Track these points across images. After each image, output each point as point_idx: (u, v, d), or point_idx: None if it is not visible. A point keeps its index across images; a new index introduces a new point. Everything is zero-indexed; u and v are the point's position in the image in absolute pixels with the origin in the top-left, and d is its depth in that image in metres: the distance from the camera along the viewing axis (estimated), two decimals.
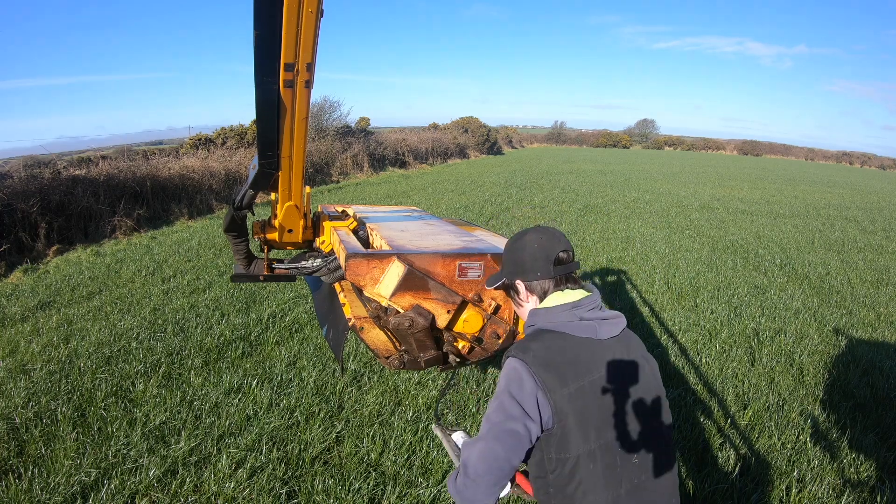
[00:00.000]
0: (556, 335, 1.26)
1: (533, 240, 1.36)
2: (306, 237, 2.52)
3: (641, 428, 1.26)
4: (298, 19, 1.73)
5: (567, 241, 1.37)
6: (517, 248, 1.39)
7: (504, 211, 10.95)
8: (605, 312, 1.31)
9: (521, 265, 1.36)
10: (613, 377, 1.25)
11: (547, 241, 1.35)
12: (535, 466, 1.27)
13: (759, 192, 18.08)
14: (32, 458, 2.70)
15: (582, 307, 1.28)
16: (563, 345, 1.25)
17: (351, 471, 2.70)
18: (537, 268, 1.33)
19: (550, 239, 1.35)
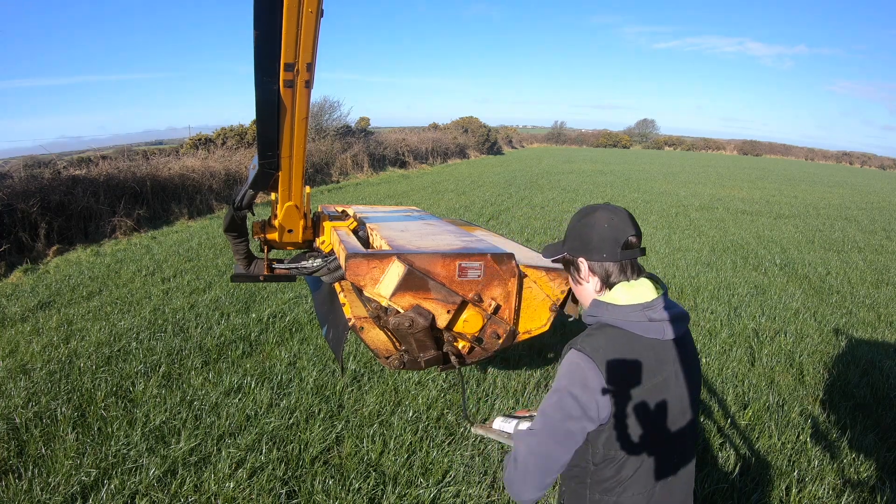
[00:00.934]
0: (623, 333, 1.22)
1: (603, 218, 1.27)
2: (306, 237, 2.52)
3: (684, 427, 1.27)
4: (298, 19, 1.74)
5: (637, 226, 1.29)
6: (586, 225, 1.30)
7: (504, 211, 10.95)
8: (673, 311, 1.26)
9: (588, 243, 1.28)
10: (674, 381, 1.24)
11: (619, 222, 1.26)
12: (576, 455, 1.24)
13: (759, 192, 18.08)
14: (32, 458, 2.70)
15: (653, 308, 1.23)
16: (631, 345, 1.20)
17: (351, 471, 2.70)
18: (604, 249, 1.26)
19: (622, 221, 1.27)
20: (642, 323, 1.22)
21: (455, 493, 2.61)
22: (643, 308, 1.23)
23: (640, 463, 1.22)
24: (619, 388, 1.17)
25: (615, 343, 1.21)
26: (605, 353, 1.18)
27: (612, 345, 1.20)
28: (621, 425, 1.19)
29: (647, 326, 1.22)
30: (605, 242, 1.26)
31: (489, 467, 2.81)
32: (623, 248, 1.26)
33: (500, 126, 50.19)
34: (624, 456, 1.21)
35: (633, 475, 1.22)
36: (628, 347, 1.21)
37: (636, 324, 1.22)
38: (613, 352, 1.19)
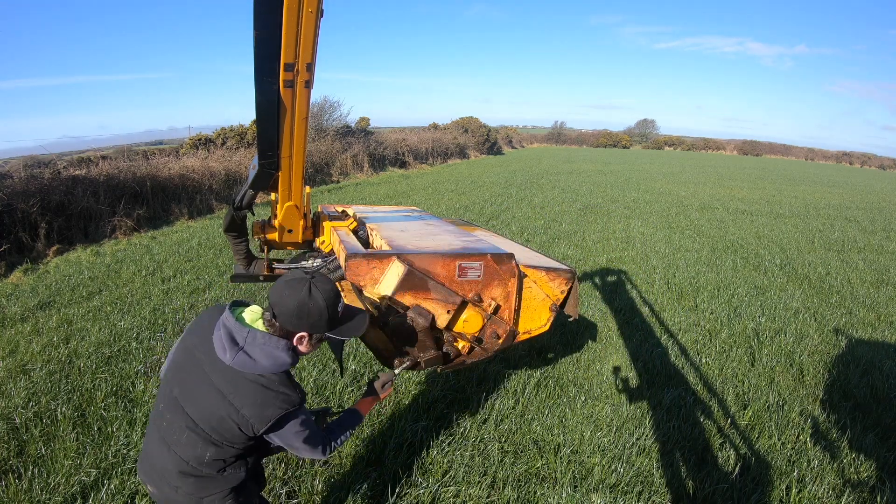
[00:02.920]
0: None
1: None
2: (306, 237, 2.52)
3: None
4: (298, 19, 1.74)
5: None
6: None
7: (504, 211, 10.95)
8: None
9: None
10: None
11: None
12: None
13: (759, 192, 18.08)
14: (32, 458, 2.70)
15: None
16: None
17: (351, 471, 2.70)
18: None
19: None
20: None
21: (455, 493, 2.61)
22: None
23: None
24: None
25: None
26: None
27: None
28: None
29: None
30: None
31: (489, 467, 2.81)
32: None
33: (500, 126, 50.18)
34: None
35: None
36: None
37: None
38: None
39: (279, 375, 1.42)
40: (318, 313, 1.41)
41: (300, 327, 1.42)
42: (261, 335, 1.41)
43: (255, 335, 1.41)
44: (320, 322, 1.43)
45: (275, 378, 1.41)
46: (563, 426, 3.21)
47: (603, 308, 5.39)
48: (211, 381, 1.41)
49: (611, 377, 3.91)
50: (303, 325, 1.42)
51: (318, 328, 1.44)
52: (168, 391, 1.50)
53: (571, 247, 8.03)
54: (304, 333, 1.44)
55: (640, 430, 3.21)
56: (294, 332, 1.43)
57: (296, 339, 1.45)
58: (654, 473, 2.83)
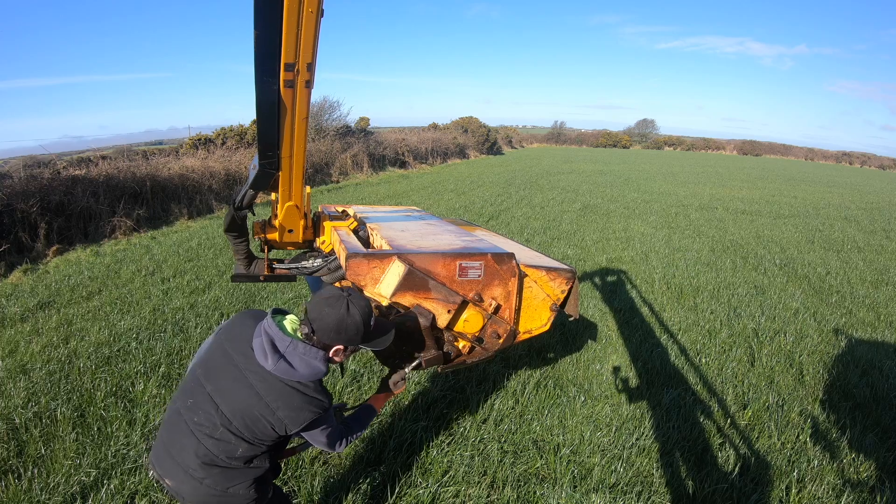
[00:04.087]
0: None
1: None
2: (306, 237, 2.52)
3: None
4: (298, 19, 1.73)
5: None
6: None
7: (504, 211, 10.95)
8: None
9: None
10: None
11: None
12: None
13: (759, 192, 18.09)
14: (32, 458, 2.70)
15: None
16: None
17: (351, 471, 2.70)
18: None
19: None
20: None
21: (455, 493, 2.61)
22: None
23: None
24: None
25: None
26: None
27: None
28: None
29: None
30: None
31: (489, 467, 2.81)
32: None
33: (500, 126, 50.17)
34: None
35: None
36: None
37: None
38: None
39: (314, 383, 1.53)
40: (355, 329, 1.51)
41: (337, 341, 1.53)
42: (302, 346, 1.51)
43: (297, 345, 1.51)
44: (356, 337, 1.53)
45: (310, 385, 1.52)
46: (563, 426, 3.21)
47: (603, 308, 5.39)
48: (249, 383, 1.51)
49: (611, 377, 3.91)
50: (340, 340, 1.52)
51: (354, 342, 1.55)
52: (199, 387, 1.57)
53: (571, 247, 8.03)
54: (340, 346, 1.54)
55: (639, 430, 3.21)
56: (331, 345, 1.53)
57: (332, 352, 1.55)
58: (654, 473, 2.83)
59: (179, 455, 1.55)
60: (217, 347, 1.61)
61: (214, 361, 1.59)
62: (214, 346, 1.63)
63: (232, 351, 1.57)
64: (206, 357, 1.63)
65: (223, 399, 1.52)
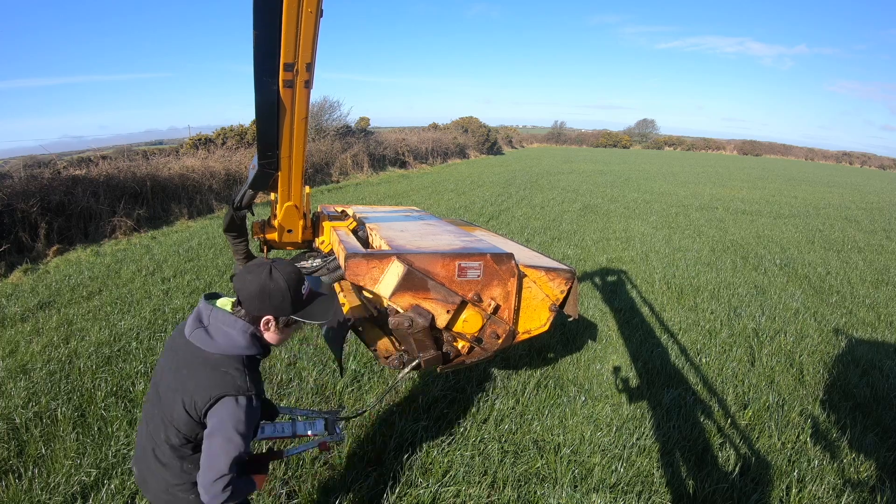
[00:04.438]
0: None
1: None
2: (306, 237, 2.52)
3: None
4: (298, 19, 1.74)
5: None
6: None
7: (504, 211, 10.95)
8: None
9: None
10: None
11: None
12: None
13: (759, 192, 18.08)
14: (32, 458, 2.70)
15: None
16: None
17: (351, 470, 2.70)
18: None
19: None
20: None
21: (455, 493, 2.61)
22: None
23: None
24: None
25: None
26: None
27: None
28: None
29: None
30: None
31: (489, 467, 2.81)
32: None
33: (500, 126, 50.16)
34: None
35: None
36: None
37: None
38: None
39: (233, 358, 1.41)
40: (279, 295, 1.41)
41: (264, 310, 1.43)
42: (223, 314, 1.43)
43: (218, 314, 1.43)
44: (283, 304, 1.43)
45: (227, 360, 1.40)
46: (563, 426, 3.21)
47: (603, 308, 5.38)
48: (175, 360, 1.45)
49: (611, 377, 3.90)
50: (266, 308, 1.42)
51: (283, 311, 1.44)
52: (154, 385, 1.54)
53: (571, 247, 8.02)
54: (269, 317, 1.44)
55: (640, 430, 3.20)
56: (260, 316, 1.43)
57: (262, 324, 1.45)
58: (654, 473, 2.83)
59: (140, 448, 1.55)
60: (168, 345, 1.57)
61: (163, 353, 1.56)
62: (167, 344, 1.59)
63: (174, 339, 1.52)
64: (161, 356, 1.60)
65: (161, 383, 1.47)
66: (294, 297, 1.44)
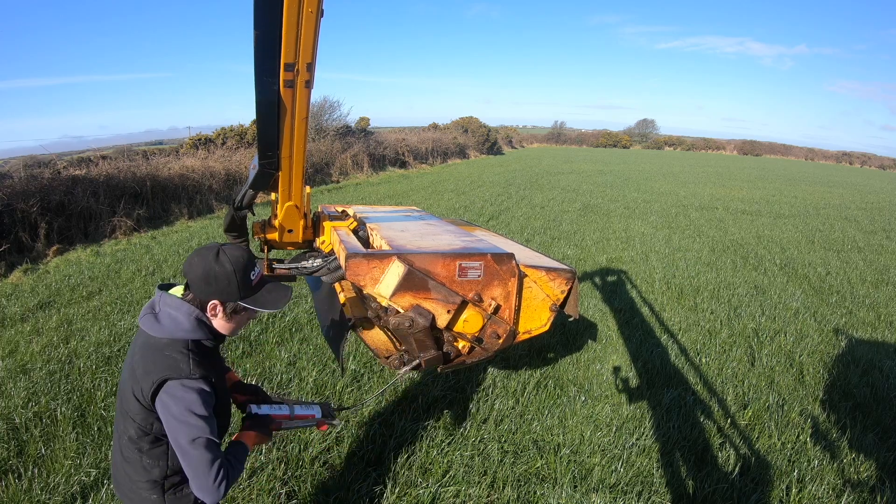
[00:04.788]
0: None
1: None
2: (306, 237, 2.52)
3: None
4: (298, 19, 1.73)
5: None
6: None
7: (504, 211, 10.95)
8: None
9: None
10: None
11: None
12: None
13: (759, 192, 18.08)
14: (33, 458, 2.70)
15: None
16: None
17: (351, 471, 2.70)
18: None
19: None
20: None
21: (455, 493, 2.61)
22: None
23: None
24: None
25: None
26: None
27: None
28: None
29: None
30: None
31: (489, 467, 2.81)
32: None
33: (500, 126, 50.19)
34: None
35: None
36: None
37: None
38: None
39: (178, 342, 1.37)
40: (225, 279, 1.37)
41: (210, 294, 1.39)
42: (171, 299, 1.40)
43: (167, 299, 1.40)
44: (229, 288, 1.38)
45: (170, 343, 1.36)
46: (563, 426, 3.21)
47: (603, 308, 5.39)
48: (131, 352, 1.43)
49: (611, 377, 3.91)
50: (212, 292, 1.38)
51: (229, 295, 1.39)
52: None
53: (571, 247, 8.03)
54: (215, 301, 1.40)
55: (640, 430, 3.20)
56: (206, 300, 1.40)
57: (209, 310, 1.41)
58: (654, 473, 2.83)
59: (113, 457, 1.52)
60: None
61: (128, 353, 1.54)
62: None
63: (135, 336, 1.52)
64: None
65: (121, 380, 1.44)
66: (241, 282, 1.39)
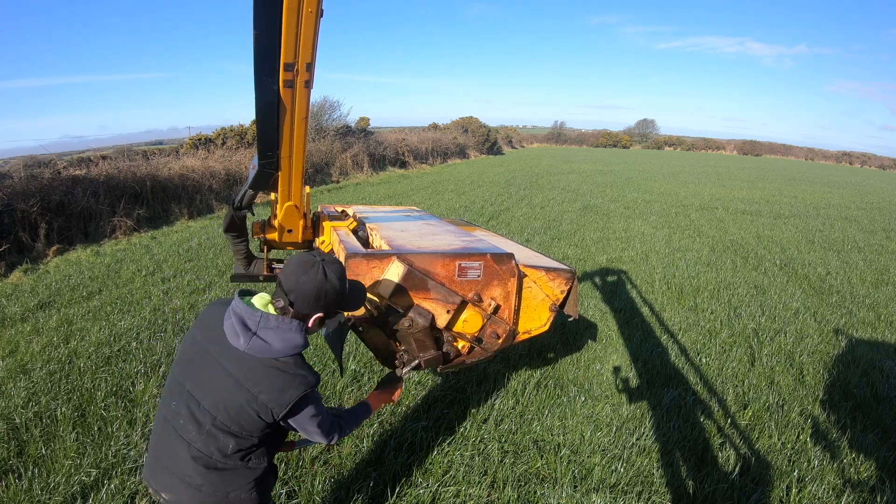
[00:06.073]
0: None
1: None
2: (306, 237, 2.52)
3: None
4: (298, 19, 1.74)
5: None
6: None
7: (504, 211, 10.95)
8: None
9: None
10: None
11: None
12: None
13: (759, 192, 18.08)
14: (32, 458, 2.70)
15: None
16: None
17: (351, 471, 2.70)
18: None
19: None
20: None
21: (455, 493, 2.61)
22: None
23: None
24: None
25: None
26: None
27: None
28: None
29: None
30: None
31: (489, 467, 2.81)
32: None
33: (501, 126, 50.19)
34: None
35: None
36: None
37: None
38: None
39: (294, 358, 1.42)
40: (335, 295, 1.44)
41: (317, 309, 1.44)
42: (273, 318, 1.40)
43: (269, 319, 1.40)
44: (335, 301, 1.45)
45: (290, 361, 1.41)
46: (563, 426, 3.21)
47: (603, 308, 5.39)
48: (227, 371, 1.40)
49: (611, 377, 3.90)
50: (320, 308, 1.44)
51: (333, 308, 1.47)
52: (179, 387, 1.47)
53: (571, 247, 8.02)
54: (321, 315, 1.46)
55: (640, 430, 3.20)
56: (310, 314, 1.44)
57: (312, 321, 1.46)
58: (654, 473, 2.83)
59: (173, 464, 1.46)
60: (191, 341, 1.51)
61: (190, 356, 1.49)
62: (189, 341, 1.53)
63: (205, 341, 1.46)
64: (183, 353, 1.53)
65: (203, 394, 1.42)
66: (343, 294, 1.47)
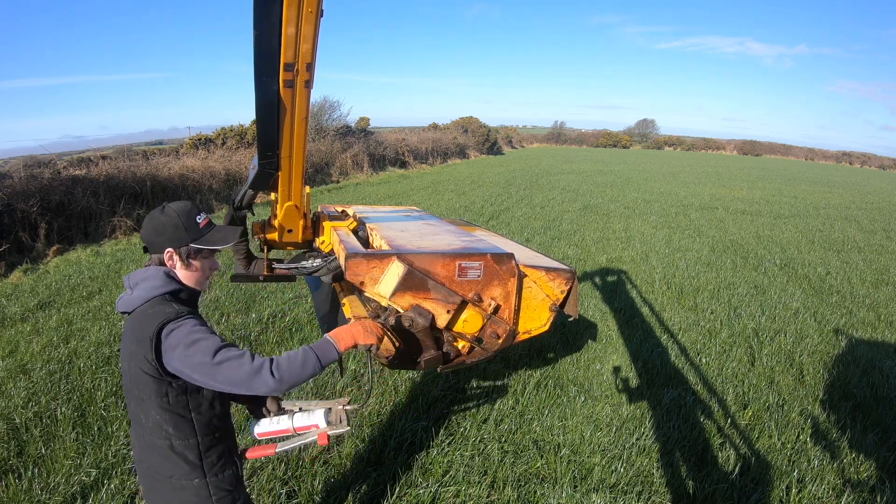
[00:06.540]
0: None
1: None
2: (306, 237, 2.52)
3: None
4: (298, 19, 1.73)
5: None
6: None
7: (504, 211, 10.95)
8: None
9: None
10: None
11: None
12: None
13: (759, 192, 18.08)
14: (32, 458, 2.70)
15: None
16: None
17: (351, 471, 2.70)
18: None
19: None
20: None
21: (455, 493, 2.61)
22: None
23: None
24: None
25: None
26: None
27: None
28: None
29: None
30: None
31: (489, 467, 2.81)
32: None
33: (500, 126, 50.21)
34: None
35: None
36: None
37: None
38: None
39: (155, 300, 1.40)
40: (171, 225, 1.44)
41: (162, 244, 1.44)
42: (135, 271, 1.46)
43: (136, 274, 1.45)
44: (178, 234, 1.44)
45: (152, 302, 1.39)
46: (563, 426, 3.21)
47: (603, 308, 5.39)
48: (124, 340, 1.43)
49: (611, 377, 3.90)
50: (163, 241, 1.44)
51: (179, 241, 1.45)
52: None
53: (571, 247, 8.02)
54: (169, 250, 1.45)
55: (640, 430, 3.21)
56: (162, 253, 1.45)
57: (167, 260, 1.46)
58: (654, 473, 2.83)
59: (140, 458, 1.48)
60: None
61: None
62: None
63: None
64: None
65: (124, 372, 1.44)
66: (187, 225, 1.45)
